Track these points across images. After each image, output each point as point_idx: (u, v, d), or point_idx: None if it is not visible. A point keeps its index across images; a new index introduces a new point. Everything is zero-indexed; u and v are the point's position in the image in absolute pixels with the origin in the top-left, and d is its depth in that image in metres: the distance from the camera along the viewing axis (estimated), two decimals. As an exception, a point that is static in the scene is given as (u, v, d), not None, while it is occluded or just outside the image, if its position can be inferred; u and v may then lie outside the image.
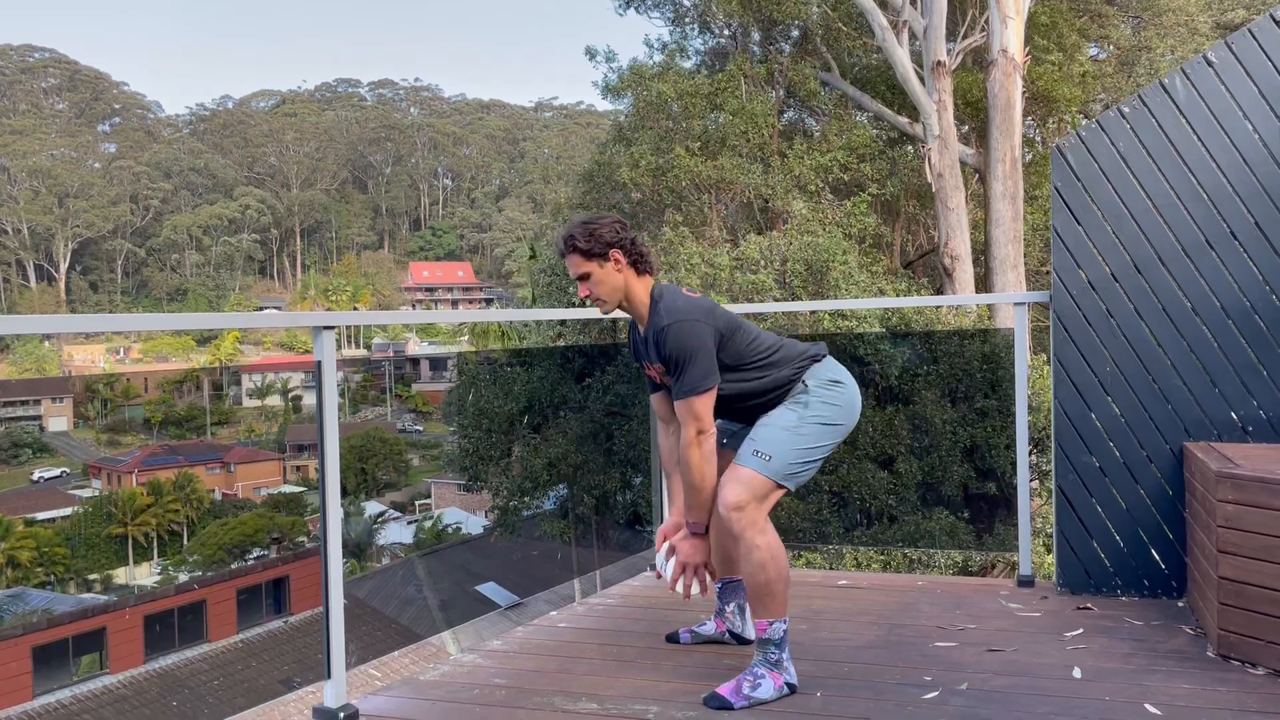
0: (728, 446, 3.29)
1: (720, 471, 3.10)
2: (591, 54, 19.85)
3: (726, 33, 19.45)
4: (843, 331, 11.64)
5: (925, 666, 3.21)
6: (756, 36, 19.10)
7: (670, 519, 3.31)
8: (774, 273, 13.22)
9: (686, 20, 19.59)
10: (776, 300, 12.87)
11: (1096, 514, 4.04)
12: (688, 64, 18.96)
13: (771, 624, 2.97)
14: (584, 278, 3.10)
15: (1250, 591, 3.16)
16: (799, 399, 3.10)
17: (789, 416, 3.07)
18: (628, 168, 16.28)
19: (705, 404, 2.98)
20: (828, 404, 3.09)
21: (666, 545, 3.24)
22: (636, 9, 19.89)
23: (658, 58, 19.20)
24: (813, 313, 12.25)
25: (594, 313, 3.35)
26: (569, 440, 7.91)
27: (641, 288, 3.12)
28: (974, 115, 17.32)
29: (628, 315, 3.21)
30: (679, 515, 3.25)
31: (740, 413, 3.19)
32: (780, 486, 3.03)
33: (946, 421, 7.42)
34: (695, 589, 3.20)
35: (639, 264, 3.11)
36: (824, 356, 3.18)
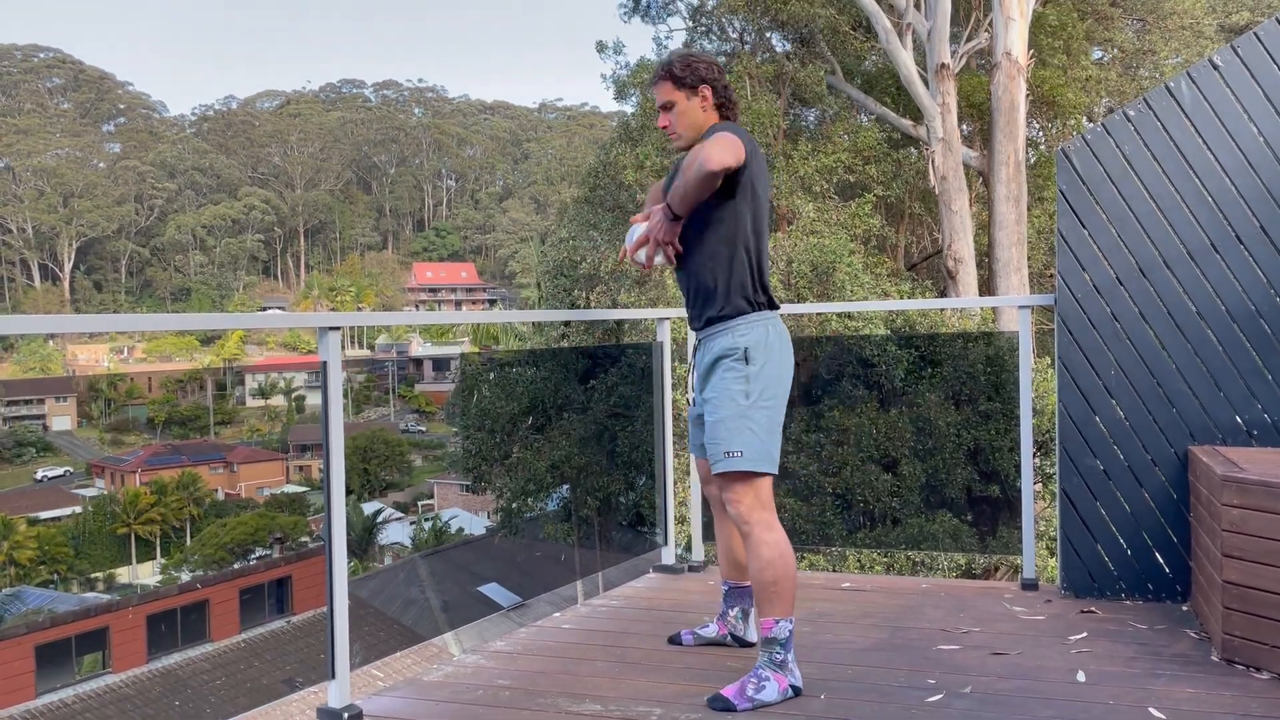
0: (699, 455, 3.33)
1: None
2: (602, 47, 19.86)
3: (733, 35, 19.45)
4: (850, 333, 11.63)
5: (929, 669, 3.20)
6: (763, 38, 19.10)
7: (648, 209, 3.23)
8: (780, 274, 13.21)
9: (695, 22, 19.59)
10: (783, 301, 12.86)
11: (1100, 517, 4.03)
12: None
13: (778, 622, 2.97)
14: (668, 107, 3.11)
15: (1255, 596, 3.15)
16: (739, 374, 3.03)
17: (733, 404, 3.02)
18: (633, 169, 16.27)
19: (725, 142, 2.90)
20: (767, 373, 3.04)
21: (642, 214, 3.19)
22: (642, 16, 19.89)
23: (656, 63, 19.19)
24: (819, 314, 12.24)
25: (596, 314, 3.36)
26: (572, 442, 7.92)
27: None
28: (978, 118, 17.31)
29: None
30: (656, 198, 3.21)
31: (688, 274, 3.13)
32: (768, 478, 3.03)
33: (950, 424, 7.41)
34: (660, 259, 3.11)
35: (724, 107, 3.13)
36: (772, 316, 3.12)
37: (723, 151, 2.89)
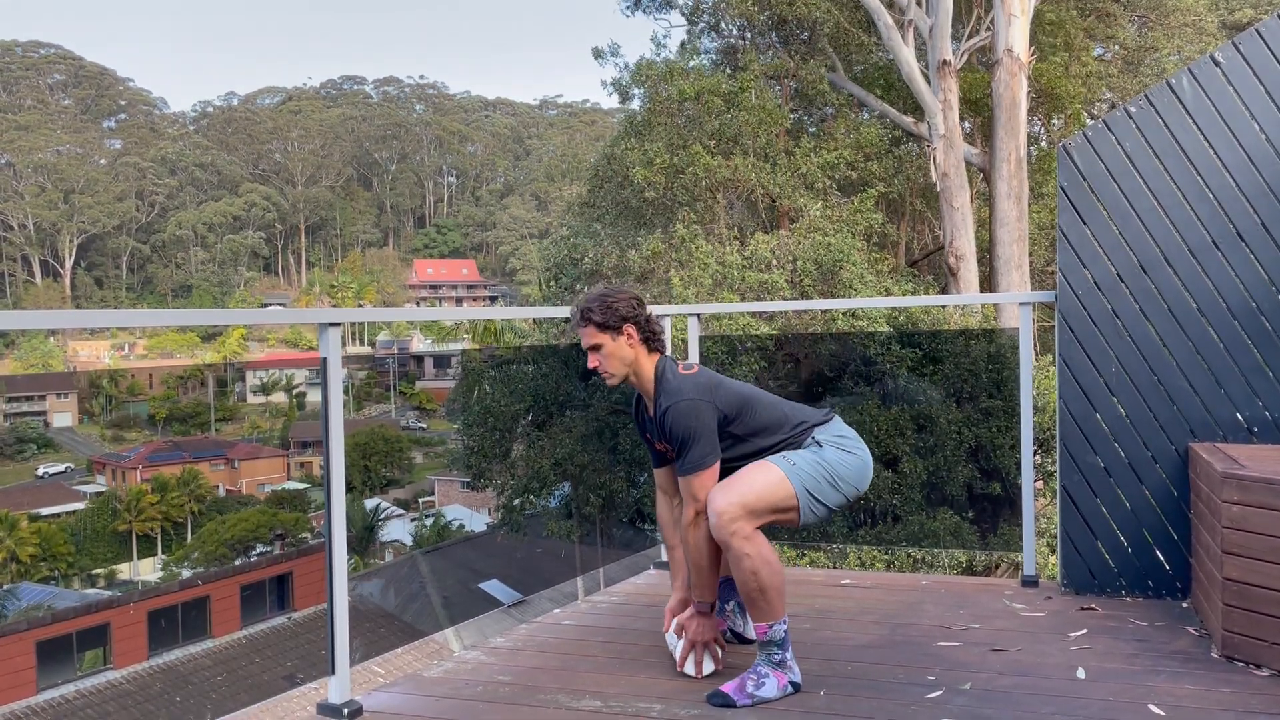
0: None
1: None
2: (599, 53, 19.84)
3: (735, 32, 19.43)
4: (855, 331, 11.62)
5: (929, 666, 3.21)
6: (766, 36, 19.09)
7: (675, 596, 3.34)
8: (786, 274, 13.20)
9: (698, 19, 19.57)
10: (787, 299, 12.86)
11: (1101, 514, 4.03)
12: (694, 62, 18.95)
13: (771, 626, 2.97)
14: (595, 348, 3.15)
15: (1255, 593, 3.15)
16: (810, 449, 3.11)
17: (807, 454, 3.09)
18: (641, 166, 16.26)
19: (705, 482, 3.01)
20: (843, 453, 3.10)
21: (675, 623, 3.27)
22: (644, 10, 19.88)
23: (665, 55, 19.19)
24: (824, 311, 12.23)
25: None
26: (574, 439, 7.92)
27: (650, 365, 3.16)
28: (979, 114, 17.31)
29: (634, 387, 3.24)
30: (683, 592, 3.29)
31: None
32: (791, 505, 3.01)
33: (951, 421, 7.40)
34: (709, 666, 3.19)
35: (650, 341, 3.17)
36: (833, 419, 3.21)
37: (700, 493, 3.00)
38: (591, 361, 3.18)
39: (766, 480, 2.99)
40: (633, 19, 20.02)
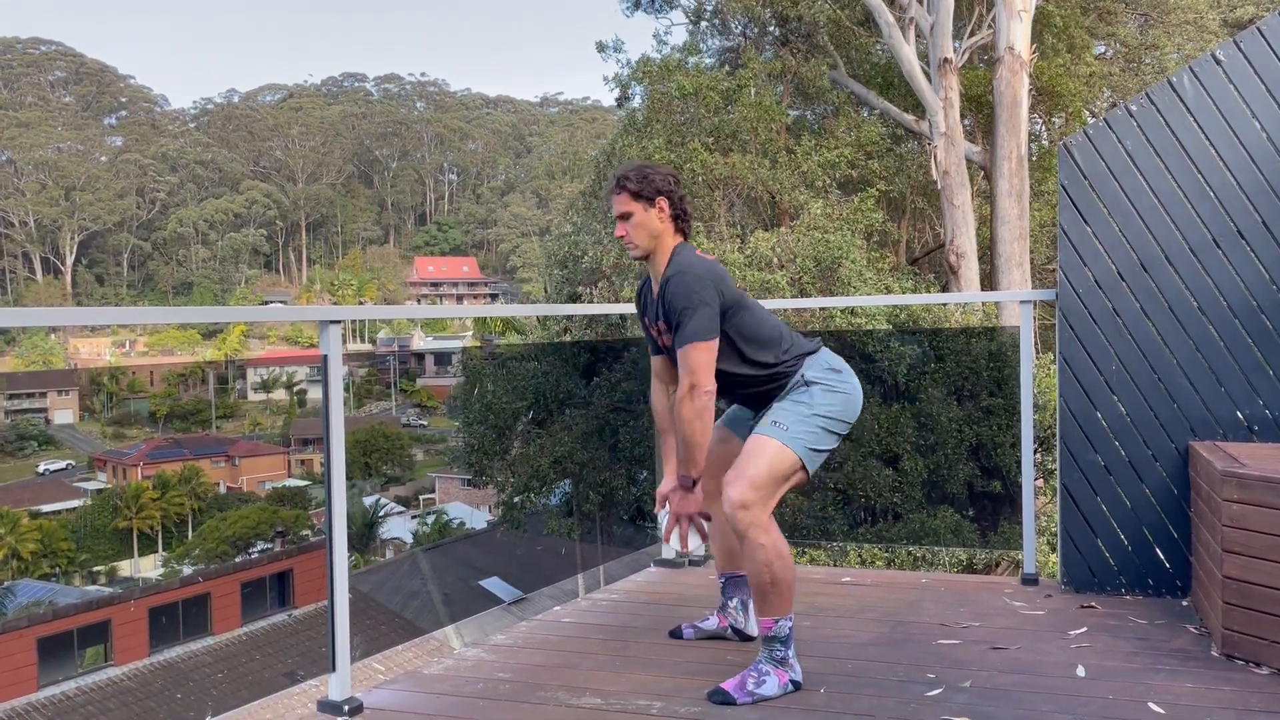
0: (735, 434, 3.32)
1: (727, 461, 3.13)
2: (602, 47, 19.83)
3: (736, 29, 19.42)
4: (853, 329, 11.62)
5: (929, 664, 3.21)
6: (767, 33, 19.07)
7: (666, 481, 3.29)
8: (787, 274, 13.19)
9: (700, 17, 19.56)
10: (787, 298, 12.86)
11: (1101, 512, 4.03)
12: (694, 59, 18.94)
13: (777, 621, 2.97)
14: (625, 217, 3.16)
15: (1255, 591, 3.15)
16: (801, 395, 3.10)
17: (797, 409, 3.08)
18: None
19: (703, 356, 2.99)
20: (831, 393, 3.10)
21: (660, 499, 3.25)
22: (645, 10, 19.86)
23: (666, 53, 19.18)
24: (823, 309, 12.23)
25: (600, 308, 3.39)
26: (574, 438, 7.91)
27: (671, 244, 3.17)
28: (980, 112, 17.29)
29: (648, 269, 3.25)
30: (673, 475, 3.24)
31: (736, 397, 3.23)
32: (798, 468, 3.03)
33: (952, 419, 7.40)
34: (695, 541, 3.16)
35: (679, 220, 3.18)
36: (820, 349, 3.20)
37: (701, 374, 2.99)
38: (619, 230, 3.20)
39: (768, 455, 2.99)
40: (633, 19, 20.04)
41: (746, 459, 3.01)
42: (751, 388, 3.17)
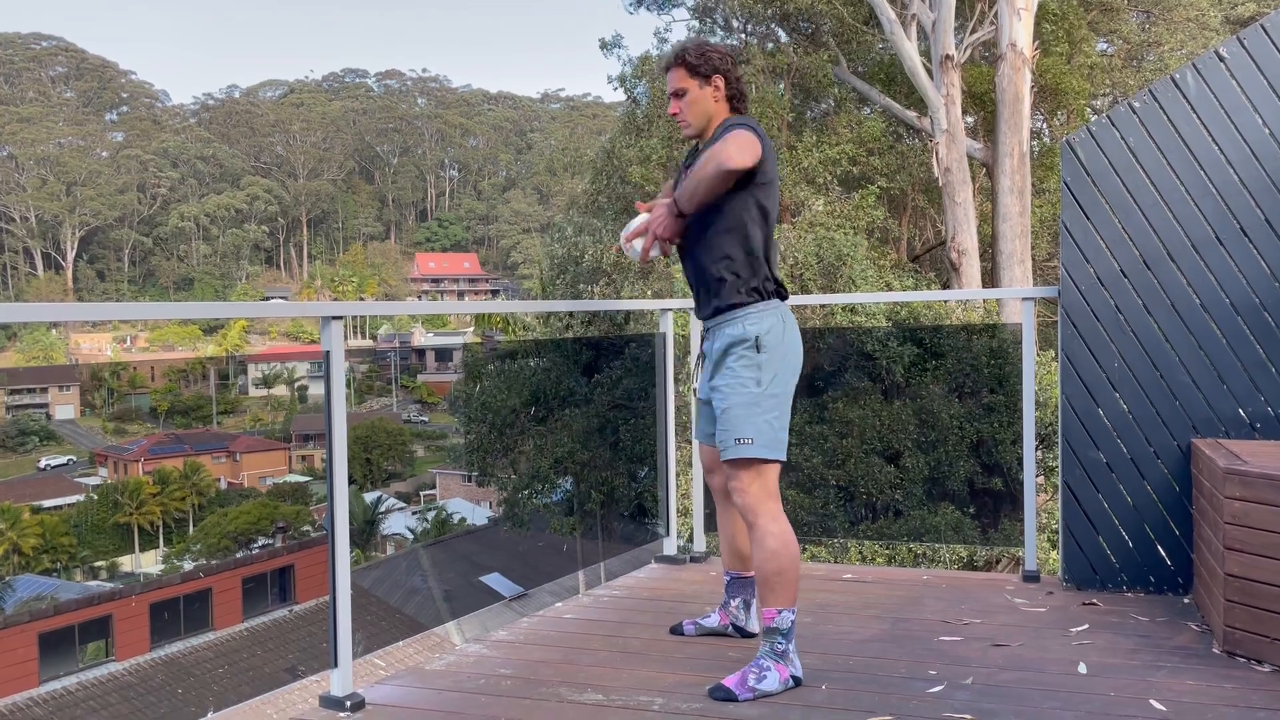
0: (705, 443, 3.34)
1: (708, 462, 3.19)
2: (604, 45, 19.81)
3: (736, 24, 19.39)
4: (853, 326, 11.61)
5: (930, 661, 3.21)
6: (767, 30, 19.05)
7: (656, 201, 3.22)
8: (786, 268, 13.18)
9: (703, 14, 19.53)
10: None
11: (1103, 509, 4.03)
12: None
13: (780, 612, 2.97)
14: (679, 94, 3.12)
15: (1257, 588, 3.15)
16: (750, 361, 3.03)
17: (744, 392, 3.03)
18: (638, 164, 16.22)
19: (745, 138, 2.92)
20: (777, 361, 3.05)
21: (644, 214, 3.19)
22: (648, 7, 19.83)
23: (668, 50, 19.15)
24: (823, 306, 12.22)
25: (598, 304, 3.38)
26: (574, 436, 7.92)
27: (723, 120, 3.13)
28: (982, 109, 17.26)
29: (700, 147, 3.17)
30: (668, 194, 3.21)
31: (695, 266, 3.13)
32: (775, 464, 3.04)
33: (953, 416, 7.41)
34: (656, 253, 3.11)
35: (735, 99, 3.14)
36: (777, 302, 3.12)
37: (741, 152, 2.90)
38: (673, 108, 3.14)
39: (749, 467, 3.01)
40: (637, 15, 19.95)
41: (733, 468, 3.05)
42: (714, 266, 3.06)
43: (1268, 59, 3.86)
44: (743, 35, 19.35)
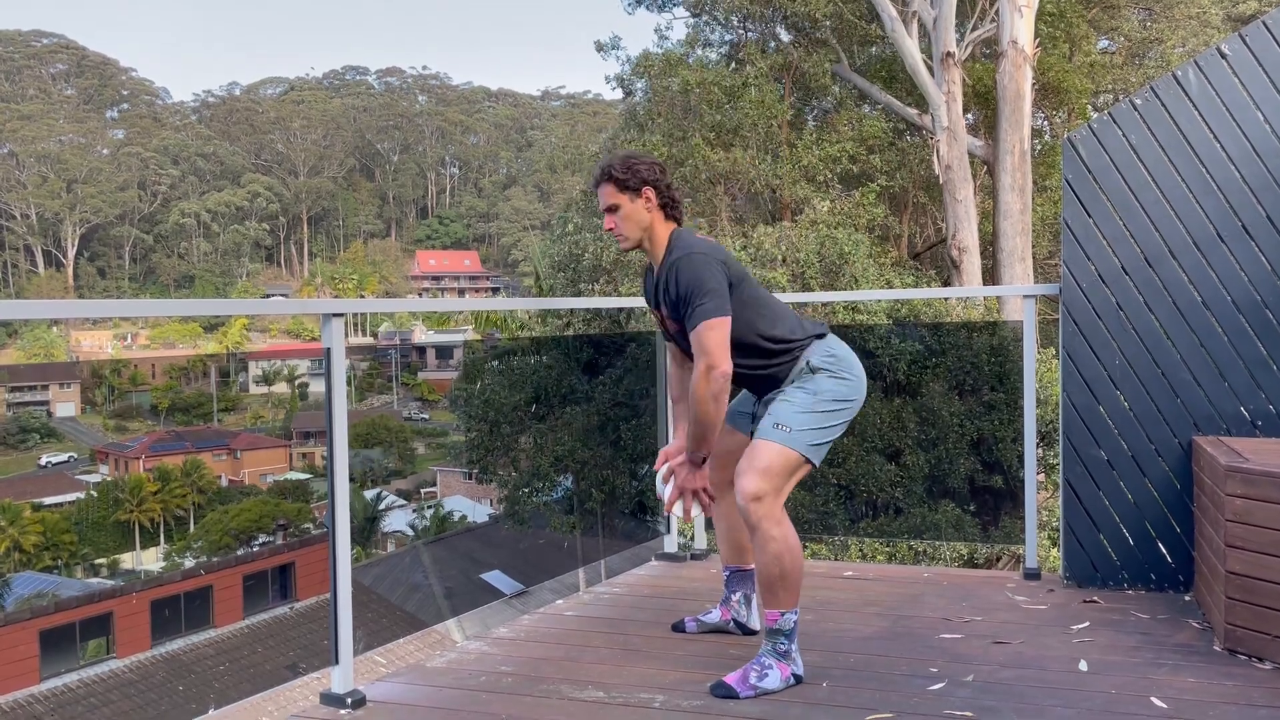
0: (738, 428, 3.30)
1: (735, 454, 3.11)
2: (600, 47, 19.79)
3: (736, 22, 19.37)
4: (855, 324, 11.62)
5: (931, 658, 3.21)
6: (767, 27, 19.03)
7: (673, 442, 3.29)
8: (789, 271, 13.17)
9: (702, 12, 19.51)
10: (788, 291, 12.85)
11: (1104, 507, 4.03)
12: (696, 54, 18.92)
13: (783, 614, 2.97)
14: (612, 209, 3.13)
15: (1258, 586, 3.15)
16: (805, 382, 3.07)
17: (801, 396, 3.06)
18: None
19: (717, 335, 2.94)
20: (836, 380, 3.08)
21: (665, 467, 3.24)
22: (647, 7, 19.81)
23: (668, 48, 19.14)
24: (825, 304, 12.22)
25: (599, 302, 3.37)
26: (574, 435, 7.91)
27: (665, 231, 3.14)
28: (983, 106, 17.25)
29: (645, 257, 3.23)
30: (682, 440, 3.24)
31: (743, 379, 3.17)
32: (802, 464, 3.01)
33: (954, 414, 7.40)
34: (697, 510, 3.18)
35: (668, 208, 3.14)
36: (826, 334, 3.18)
37: (719, 350, 2.95)
38: (608, 223, 3.16)
39: (774, 452, 2.98)
40: (635, 15, 19.93)
41: (755, 455, 2.99)
42: (759, 368, 3.12)
43: (1269, 56, 3.85)
44: (742, 32, 19.34)
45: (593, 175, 3.21)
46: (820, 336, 3.15)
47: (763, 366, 3.12)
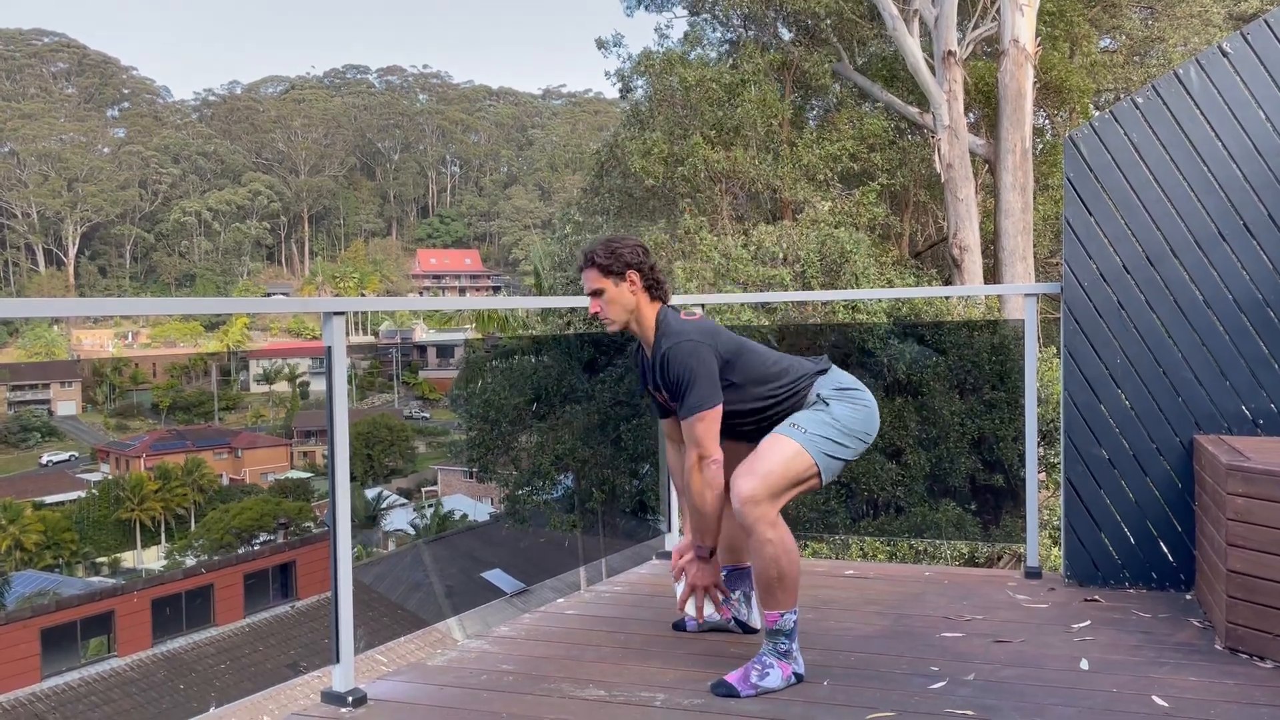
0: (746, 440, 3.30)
1: (736, 462, 3.11)
2: (602, 44, 19.79)
3: (736, 21, 19.36)
4: (855, 323, 11.62)
5: (932, 657, 3.21)
6: (770, 26, 19.03)
7: (685, 538, 3.36)
8: (790, 271, 13.16)
9: (701, 11, 19.51)
10: (788, 289, 12.84)
11: (1105, 506, 4.03)
12: (696, 52, 18.91)
13: (783, 615, 2.97)
14: (597, 293, 3.15)
15: (1259, 585, 3.15)
16: (819, 408, 3.10)
17: (818, 414, 3.08)
18: (639, 156, 16.21)
19: (708, 427, 2.99)
20: (851, 406, 3.10)
21: (677, 568, 3.33)
22: (646, 7, 19.81)
23: (669, 46, 19.15)
24: (825, 304, 12.21)
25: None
26: (575, 434, 7.91)
27: (651, 313, 3.17)
28: (984, 105, 17.25)
29: (634, 337, 3.26)
30: (689, 536, 3.30)
31: (754, 431, 3.17)
32: (811, 471, 3.00)
33: (955, 413, 7.40)
34: (709, 609, 3.27)
35: (653, 289, 3.17)
36: (830, 368, 3.19)
37: (709, 439, 2.99)
38: (593, 307, 3.18)
39: (784, 455, 2.97)
40: (635, 16, 19.96)
41: (761, 455, 2.99)
42: (765, 415, 3.13)
43: (1271, 54, 3.85)
44: (742, 30, 19.33)
45: (576, 262, 3.23)
46: (823, 372, 3.17)
47: (771, 410, 3.13)
